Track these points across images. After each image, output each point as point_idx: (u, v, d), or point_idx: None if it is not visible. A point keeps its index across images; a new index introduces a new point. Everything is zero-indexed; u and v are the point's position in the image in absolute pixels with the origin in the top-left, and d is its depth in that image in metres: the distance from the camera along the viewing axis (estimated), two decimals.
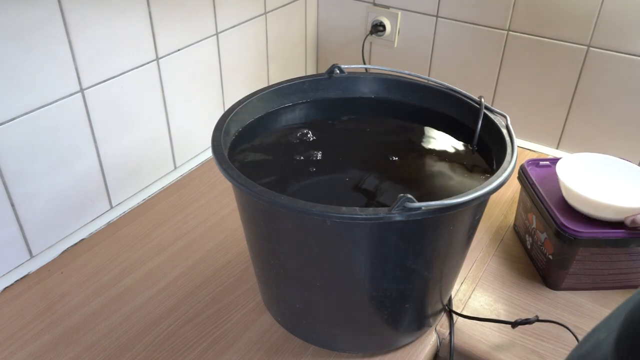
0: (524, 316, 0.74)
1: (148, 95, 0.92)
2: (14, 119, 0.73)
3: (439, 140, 0.72)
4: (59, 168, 0.81)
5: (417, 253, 0.58)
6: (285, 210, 0.53)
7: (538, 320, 0.70)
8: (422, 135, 0.74)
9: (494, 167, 0.65)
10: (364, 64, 1.29)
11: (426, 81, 0.76)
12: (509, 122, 0.66)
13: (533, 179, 0.82)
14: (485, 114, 0.69)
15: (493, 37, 1.10)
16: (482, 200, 0.56)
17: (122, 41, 0.84)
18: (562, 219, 0.73)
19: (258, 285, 0.76)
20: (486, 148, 0.69)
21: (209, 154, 1.09)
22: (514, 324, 0.71)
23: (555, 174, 0.85)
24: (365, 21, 1.24)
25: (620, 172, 0.80)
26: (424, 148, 0.71)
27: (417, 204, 0.50)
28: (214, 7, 0.99)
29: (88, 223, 0.90)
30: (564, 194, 0.77)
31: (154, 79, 0.92)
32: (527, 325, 0.72)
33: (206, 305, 0.76)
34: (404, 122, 0.76)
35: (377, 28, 1.22)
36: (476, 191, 0.53)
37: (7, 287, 0.79)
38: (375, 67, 0.78)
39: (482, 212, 0.64)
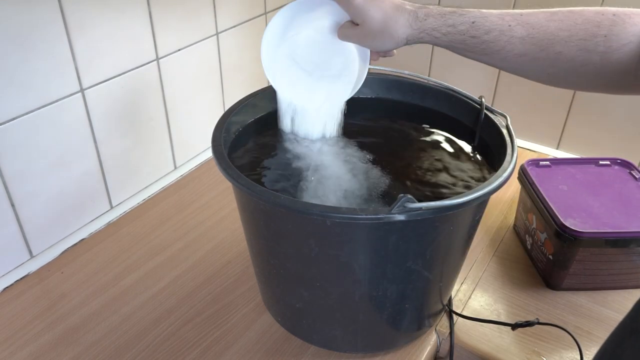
0: (524, 316, 0.74)
1: (148, 95, 0.92)
2: (14, 119, 0.73)
3: (439, 141, 0.72)
4: (59, 168, 0.81)
5: (417, 253, 0.58)
6: (285, 210, 0.53)
7: (538, 323, 0.70)
8: (422, 135, 0.74)
9: (494, 167, 0.65)
10: None
11: (426, 81, 0.76)
12: (509, 122, 0.66)
13: (533, 179, 0.82)
14: (485, 114, 0.69)
15: None
16: (482, 201, 0.56)
17: (122, 41, 0.84)
18: (562, 219, 0.73)
19: (258, 285, 0.76)
20: (486, 148, 0.69)
21: (209, 154, 1.09)
22: (514, 326, 0.71)
23: (555, 174, 0.85)
24: None
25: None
26: (424, 148, 0.71)
27: (417, 204, 0.50)
28: (214, 7, 0.99)
29: (88, 223, 0.90)
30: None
31: (154, 79, 0.92)
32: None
33: (206, 305, 0.76)
34: (404, 122, 0.76)
35: None
36: (476, 191, 0.53)
37: (7, 287, 0.79)
38: (375, 67, 0.78)
39: (482, 212, 0.64)
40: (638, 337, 0.35)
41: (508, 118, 0.66)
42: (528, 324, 0.70)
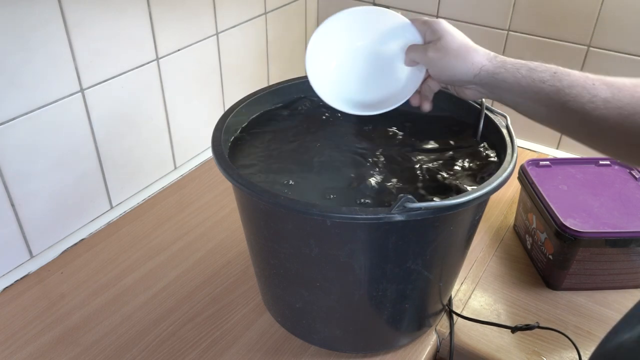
0: (524, 316, 0.74)
1: (148, 95, 0.92)
2: (14, 119, 0.73)
3: (439, 140, 0.72)
4: (59, 168, 0.81)
5: (417, 253, 0.58)
6: (285, 210, 0.53)
7: (538, 327, 0.70)
8: (422, 135, 0.74)
9: (494, 167, 0.65)
10: None
11: None
12: (509, 122, 0.66)
13: (533, 179, 0.82)
14: (485, 114, 0.69)
15: (493, 37, 1.10)
16: (482, 201, 0.56)
17: (122, 41, 0.84)
18: (562, 219, 0.73)
19: (258, 285, 0.76)
20: (486, 148, 0.69)
21: (209, 154, 1.09)
22: (514, 329, 0.71)
23: (555, 174, 0.85)
24: None
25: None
26: (424, 148, 0.71)
27: (417, 204, 0.50)
28: (214, 7, 0.99)
29: (88, 223, 0.90)
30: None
31: (154, 79, 0.92)
32: None
33: (206, 305, 0.76)
34: (404, 122, 0.76)
35: None
36: (476, 191, 0.53)
37: (7, 287, 0.79)
38: None
39: (482, 212, 0.64)
40: None
41: (508, 118, 0.66)
42: (528, 327, 0.70)
